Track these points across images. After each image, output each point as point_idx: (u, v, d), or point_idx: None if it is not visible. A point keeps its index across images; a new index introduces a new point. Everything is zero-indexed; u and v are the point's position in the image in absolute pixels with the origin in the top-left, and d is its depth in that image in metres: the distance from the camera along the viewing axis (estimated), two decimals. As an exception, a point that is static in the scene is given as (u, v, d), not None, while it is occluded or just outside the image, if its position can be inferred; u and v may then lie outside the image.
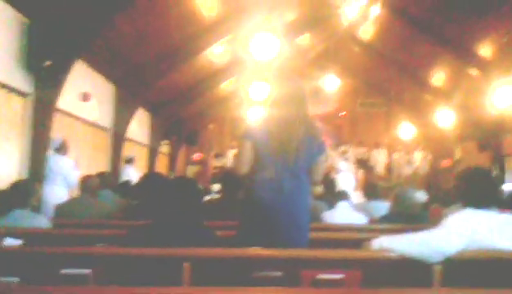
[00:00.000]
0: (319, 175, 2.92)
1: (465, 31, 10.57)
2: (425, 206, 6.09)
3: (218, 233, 2.88)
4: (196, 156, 17.07)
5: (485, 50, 10.82)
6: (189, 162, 17.21)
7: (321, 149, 2.83)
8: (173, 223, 2.40)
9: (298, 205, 2.73)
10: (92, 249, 2.56)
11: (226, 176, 4.35)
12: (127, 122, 9.69)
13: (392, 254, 2.23)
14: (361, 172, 14.38)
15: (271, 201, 2.69)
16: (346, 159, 14.89)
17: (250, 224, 2.75)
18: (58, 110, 6.83)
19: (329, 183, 6.72)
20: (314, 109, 17.06)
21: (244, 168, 2.75)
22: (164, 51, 9.22)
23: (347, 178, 10.03)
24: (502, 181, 13.62)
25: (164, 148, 14.23)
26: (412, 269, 2.20)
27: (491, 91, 10.14)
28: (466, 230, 2.23)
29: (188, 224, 2.42)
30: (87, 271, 2.19)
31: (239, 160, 2.78)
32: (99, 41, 7.32)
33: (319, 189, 6.31)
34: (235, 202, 3.72)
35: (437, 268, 2.18)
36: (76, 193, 5.64)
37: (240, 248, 2.33)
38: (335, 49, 16.43)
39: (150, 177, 2.83)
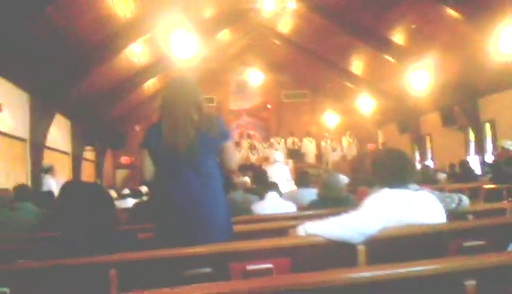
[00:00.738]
0: (230, 162, 2.85)
1: (379, 20, 11.03)
2: (353, 188, 6.30)
3: (147, 235, 2.81)
4: (124, 159, 16.64)
5: (398, 37, 11.35)
6: (117, 166, 16.74)
7: (222, 137, 2.76)
8: (85, 231, 2.30)
9: (208, 201, 2.68)
10: (9, 266, 2.39)
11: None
12: (45, 131, 9.23)
13: (317, 238, 2.28)
14: (292, 162, 14.63)
15: (178, 200, 2.65)
16: (276, 150, 15.11)
17: (164, 227, 2.71)
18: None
19: (259, 175, 6.76)
20: (240, 104, 17.26)
21: (148, 176, 2.75)
22: (79, 53, 8.87)
23: (282, 168, 10.14)
24: (423, 160, 14.43)
25: (89, 154, 13.73)
26: (338, 251, 2.26)
27: (407, 76, 10.68)
28: (384, 209, 2.32)
29: (101, 231, 2.32)
30: (5, 290, 2.06)
31: (141, 170, 2.79)
32: (8, 49, 6.92)
33: (248, 182, 6.35)
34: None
35: (361, 248, 2.25)
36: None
37: (165, 249, 2.28)
38: (256, 43, 16.62)
39: (68, 186, 2.69)
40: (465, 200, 2.93)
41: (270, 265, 2.18)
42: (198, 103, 2.74)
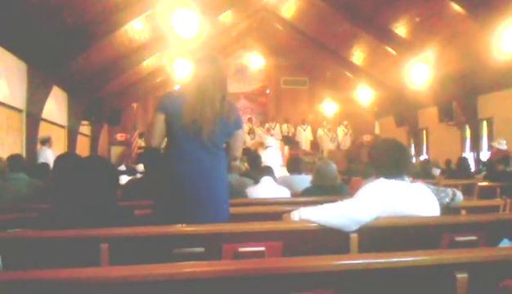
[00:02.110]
0: (238, 150, 2.97)
1: (383, 11, 10.95)
2: (347, 178, 6.33)
3: (141, 212, 2.81)
4: (120, 136, 16.58)
5: (401, 29, 11.29)
6: (112, 142, 16.69)
7: (237, 125, 2.86)
8: (84, 204, 2.29)
9: (215, 180, 2.74)
10: (2, 234, 2.38)
11: (148, 155, 4.26)
12: (42, 102, 9.14)
13: (311, 224, 2.28)
14: (287, 148, 14.66)
15: (187, 176, 2.68)
16: (272, 136, 15.13)
17: (168, 201, 2.73)
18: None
19: (254, 159, 6.77)
20: (239, 87, 17.16)
21: (155, 141, 2.76)
22: (79, 26, 8.75)
23: (274, 154, 10.15)
24: (419, 154, 14.46)
25: (85, 128, 13.67)
26: (330, 237, 2.27)
27: (407, 69, 10.65)
28: (379, 199, 2.33)
29: (101, 205, 2.32)
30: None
31: (150, 132, 2.78)
32: (5, 16, 6.82)
33: (244, 166, 6.35)
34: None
35: (354, 236, 2.26)
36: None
37: (159, 225, 2.28)
38: (258, 27, 16.49)
39: (64, 158, 2.67)
40: (459, 195, 2.93)
41: (262, 248, 2.19)
42: (225, 89, 2.82)
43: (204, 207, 2.67)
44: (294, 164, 5.71)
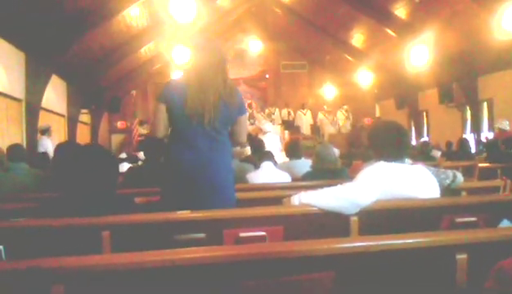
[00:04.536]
0: (242, 135, 2.91)
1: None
2: (348, 162, 6.32)
3: (141, 199, 2.82)
4: (120, 124, 16.57)
5: (400, 11, 11.20)
6: (113, 130, 16.69)
7: (240, 111, 2.81)
8: (84, 193, 2.29)
9: (218, 166, 2.72)
10: (4, 224, 2.39)
11: (148, 143, 4.26)
12: (41, 92, 9.12)
13: (311, 208, 2.29)
14: (287, 133, 14.65)
15: (189, 163, 2.68)
16: (272, 120, 15.10)
17: (172, 189, 2.73)
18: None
19: (255, 144, 6.76)
20: (238, 73, 17.10)
21: (160, 132, 2.75)
22: (77, 13, 8.69)
23: (273, 139, 10.14)
24: (420, 136, 14.45)
25: (84, 117, 13.65)
26: (331, 221, 2.28)
27: (407, 51, 10.59)
28: (379, 182, 2.33)
29: (101, 193, 2.32)
30: (0, 247, 2.06)
31: (155, 124, 2.78)
32: (3, 5, 6.77)
33: (246, 151, 6.34)
34: (158, 168, 3.65)
35: (354, 219, 2.27)
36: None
37: (160, 212, 2.29)
38: (257, 11, 16.37)
39: (64, 147, 2.66)
40: (460, 177, 2.93)
41: (263, 233, 2.19)
42: (225, 73, 2.78)
43: (206, 193, 2.66)
44: (293, 149, 5.68)
